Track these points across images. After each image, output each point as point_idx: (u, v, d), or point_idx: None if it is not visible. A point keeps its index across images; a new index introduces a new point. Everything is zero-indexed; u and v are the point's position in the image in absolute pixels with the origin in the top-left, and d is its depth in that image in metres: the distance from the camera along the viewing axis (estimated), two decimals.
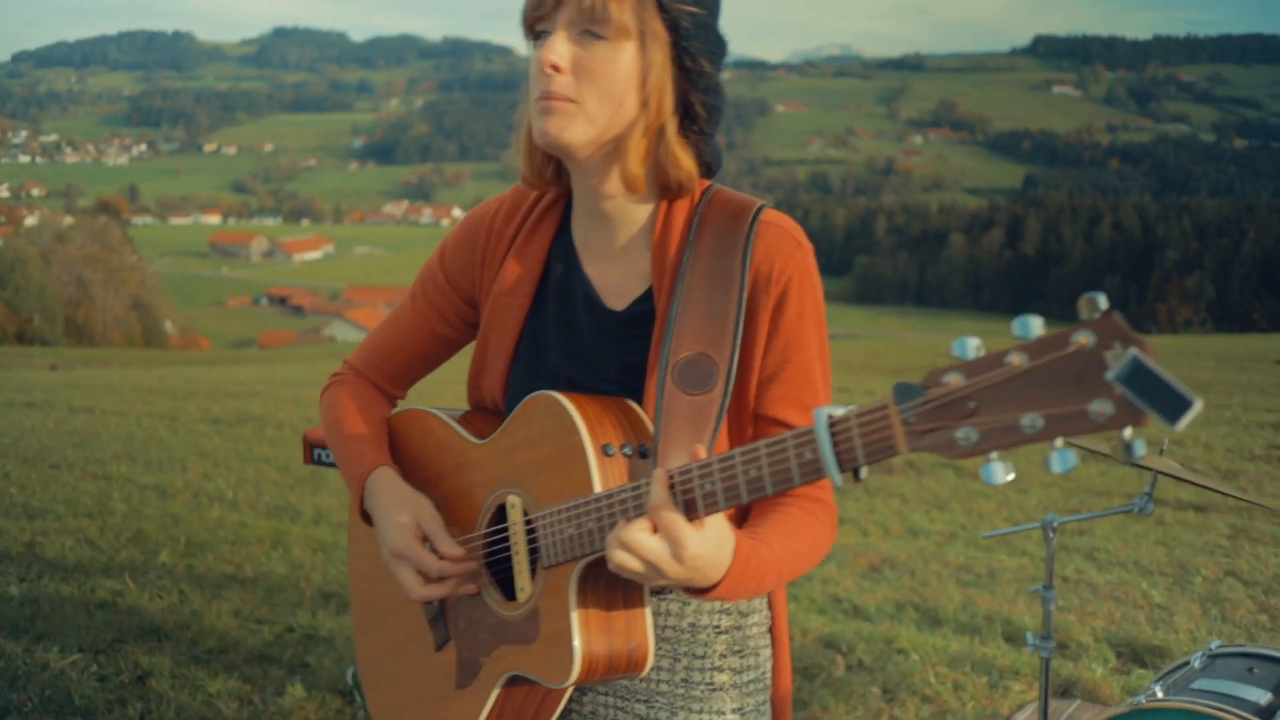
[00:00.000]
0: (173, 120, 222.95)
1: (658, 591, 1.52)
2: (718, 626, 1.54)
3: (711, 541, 1.27)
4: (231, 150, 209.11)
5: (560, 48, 1.40)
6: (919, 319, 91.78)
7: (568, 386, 1.49)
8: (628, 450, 1.41)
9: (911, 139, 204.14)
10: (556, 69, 1.40)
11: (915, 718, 3.90)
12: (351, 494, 1.63)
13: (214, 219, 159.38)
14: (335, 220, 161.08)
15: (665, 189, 1.50)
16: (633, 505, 1.32)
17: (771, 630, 1.62)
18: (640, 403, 1.47)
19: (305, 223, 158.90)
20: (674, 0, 1.42)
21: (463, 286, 1.65)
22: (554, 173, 1.56)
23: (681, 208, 1.51)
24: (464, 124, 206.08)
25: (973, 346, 1.08)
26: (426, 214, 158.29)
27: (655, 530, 1.26)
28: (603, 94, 1.41)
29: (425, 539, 1.53)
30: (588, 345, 1.54)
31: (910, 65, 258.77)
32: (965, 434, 1.07)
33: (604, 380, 1.52)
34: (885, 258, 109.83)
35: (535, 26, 1.45)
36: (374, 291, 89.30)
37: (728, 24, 1.51)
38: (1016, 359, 1.04)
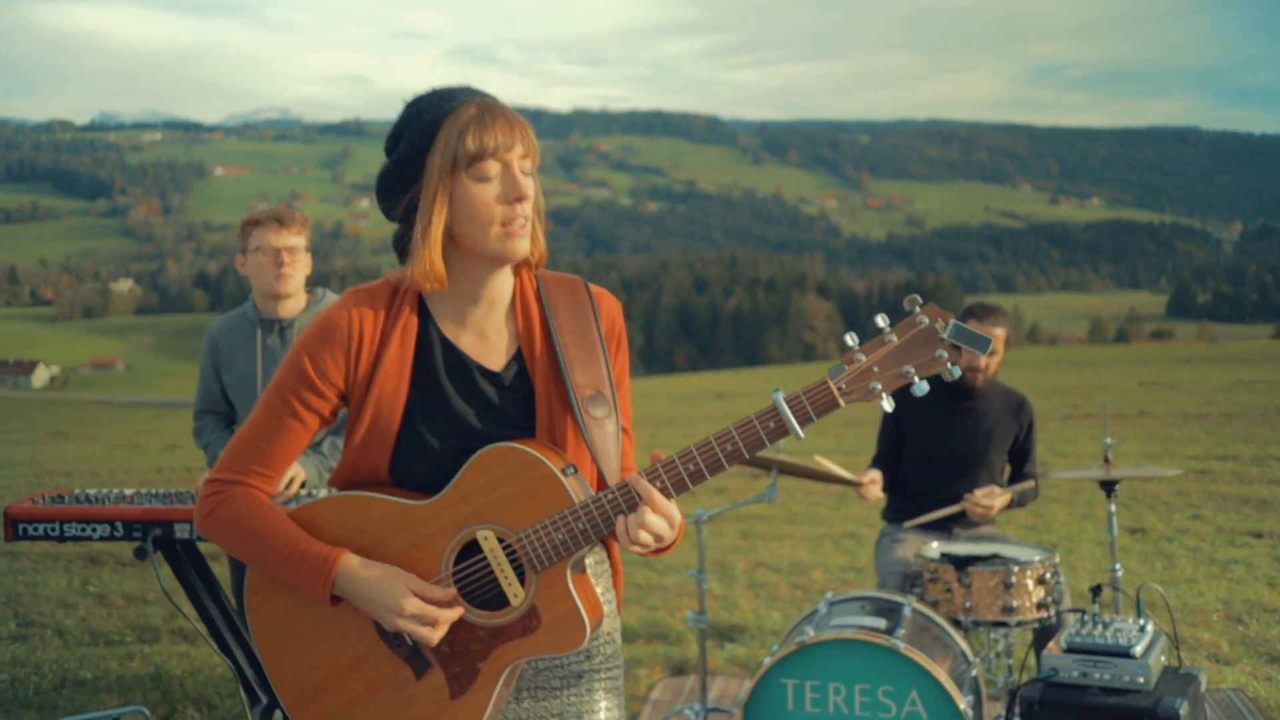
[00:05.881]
0: None
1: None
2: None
3: (676, 509, 1.86)
4: None
5: (527, 184, 1.87)
6: None
7: (475, 439, 1.91)
8: (569, 470, 1.90)
9: (358, 203, 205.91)
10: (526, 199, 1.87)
11: None
12: (309, 588, 1.88)
13: None
14: None
15: (521, 265, 2.01)
16: (624, 502, 1.83)
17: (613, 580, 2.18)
18: (535, 435, 1.97)
19: None
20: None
21: (337, 385, 1.93)
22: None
23: (527, 281, 2.01)
24: None
25: (852, 338, 1.82)
26: None
27: (654, 512, 1.81)
28: (534, 212, 1.93)
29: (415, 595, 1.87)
30: (488, 401, 1.96)
31: (352, 130, 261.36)
32: (873, 385, 1.80)
33: (507, 426, 1.95)
34: None
35: (492, 157, 1.85)
36: None
37: (154, 85, 1.90)
38: (892, 339, 1.80)
